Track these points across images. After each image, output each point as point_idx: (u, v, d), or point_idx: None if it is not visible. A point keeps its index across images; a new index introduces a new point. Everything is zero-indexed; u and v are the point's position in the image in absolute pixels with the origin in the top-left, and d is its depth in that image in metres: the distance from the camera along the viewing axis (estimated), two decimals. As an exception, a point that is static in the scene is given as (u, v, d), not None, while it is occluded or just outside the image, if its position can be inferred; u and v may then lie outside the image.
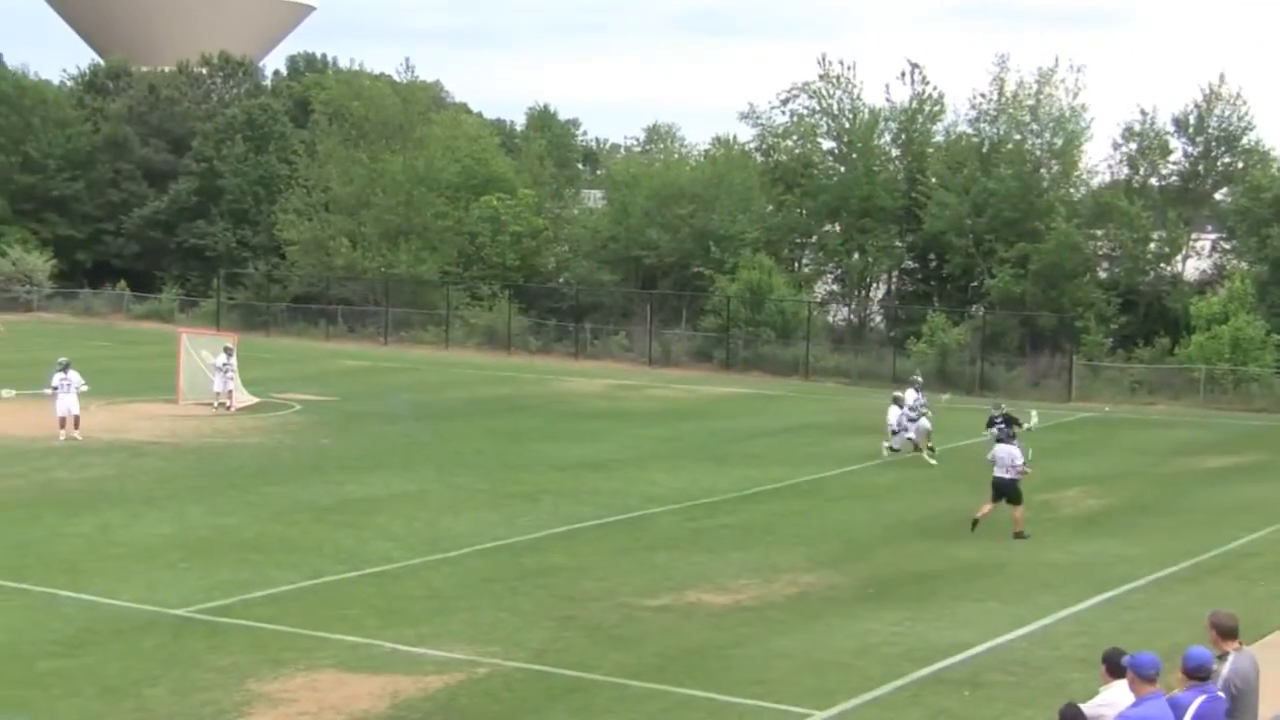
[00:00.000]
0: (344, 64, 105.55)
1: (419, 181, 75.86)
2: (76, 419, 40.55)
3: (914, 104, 71.17)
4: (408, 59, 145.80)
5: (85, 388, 41.57)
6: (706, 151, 78.84)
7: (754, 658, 21.31)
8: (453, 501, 33.00)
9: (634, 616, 23.50)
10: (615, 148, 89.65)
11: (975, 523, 30.39)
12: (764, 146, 74.99)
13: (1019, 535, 30.05)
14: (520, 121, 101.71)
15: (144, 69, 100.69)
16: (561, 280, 76.18)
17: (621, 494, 34.06)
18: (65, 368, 41.17)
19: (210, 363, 48.34)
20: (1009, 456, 30.50)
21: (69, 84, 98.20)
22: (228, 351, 47.90)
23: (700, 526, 31.08)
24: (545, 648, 21.54)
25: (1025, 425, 37.55)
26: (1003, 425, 34.85)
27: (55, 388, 40.85)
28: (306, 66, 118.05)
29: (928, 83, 71.19)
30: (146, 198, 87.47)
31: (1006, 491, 30.36)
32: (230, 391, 47.49)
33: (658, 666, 20.72)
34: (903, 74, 71.38)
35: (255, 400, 48.36)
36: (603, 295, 72.93)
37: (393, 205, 75.99)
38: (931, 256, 69.99)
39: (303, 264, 78.11)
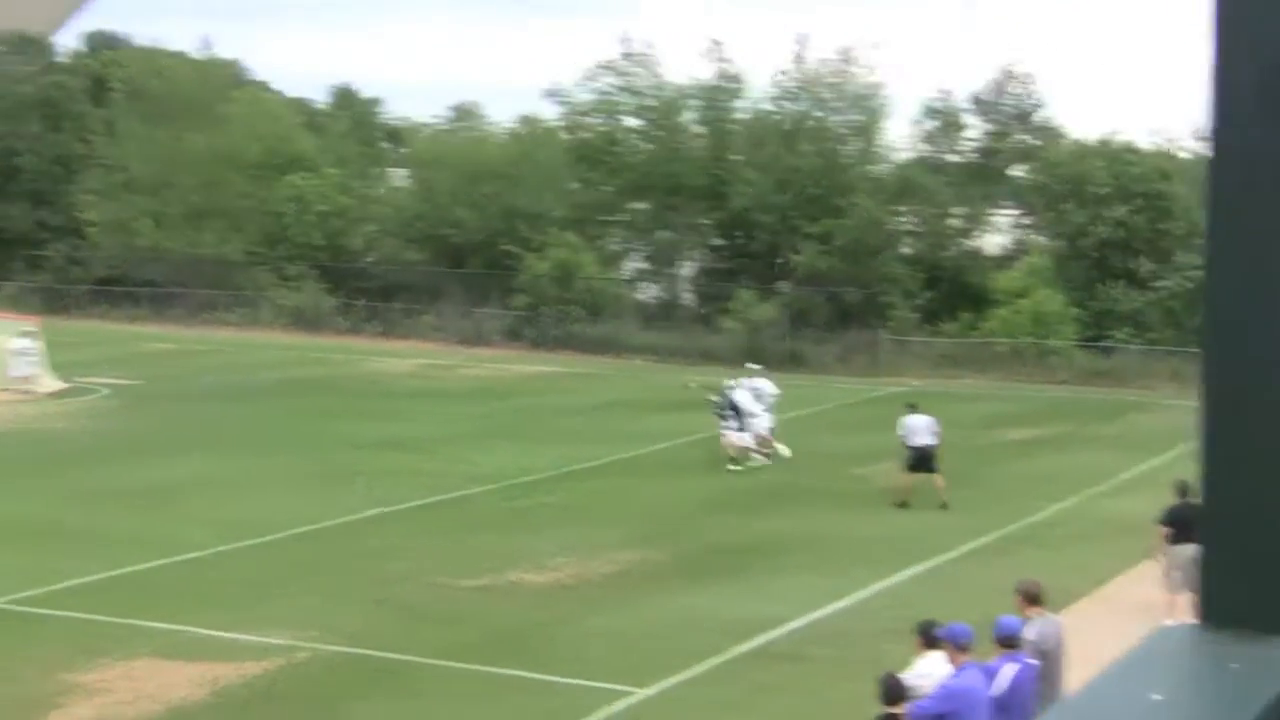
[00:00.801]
0: (142, 41, 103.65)
1: (221, 161, 74.77)
2: None
3: (717, 82, 71.64)
4: (206, 36, 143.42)
5: None
6: (512, 129, 78.69)
7: (574, 636, 21.45)
8: (264, 484, 32.68)
9: (453, 597, 23.52)
10: (420, 126, 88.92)
11: (904, 503, 30.92)
12: (569, 124, 75.00)
13: (944, 506, 30.59)
14: (323, 100, 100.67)
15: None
16: (369, 260, 75.59)
17: (438, 474, 33.96)
18: None
19: (7, 348, 47.26)
20: (926, 426, 31.18)
21: None
22: (28, 335, 46.89)
23: (518, 506, 31.12)
24: (363, 630, 21.48)
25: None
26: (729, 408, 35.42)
27: None
28: (104, 44, 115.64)
29: (729, 60, 71.73)
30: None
31: (927, 462, 30.96)
32: (34, 376, 46.46)
33: (478, 646, 20.76)
34: (705, 52, 71.86)
35: (63, 385, 47.38)
36: (411, 275, 72.47)
37: (195, 185, 74.80)
38: (738, 233, 70.51)
39: (105, 245, 76.59)
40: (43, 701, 18.26)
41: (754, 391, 36.60)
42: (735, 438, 35.38)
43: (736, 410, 35.54)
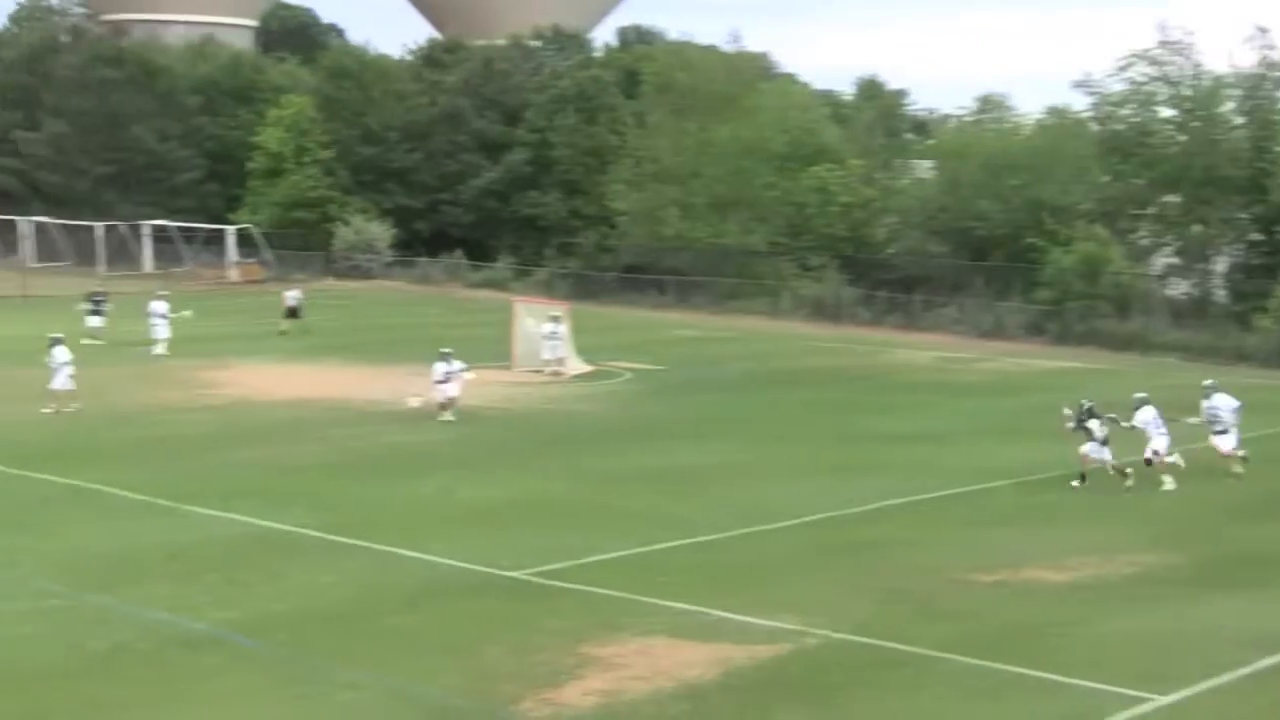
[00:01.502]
0: (672, 36, 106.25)
1: (747, 152, 75.89)
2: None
3: (1260, 70, 68.57)
4: (735, 30, 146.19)
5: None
6: (1039, 121, 77.18)
7: (1091, 638, 20.80)
8: (782, 471, 32.95)
9: (966, 591, 23.16)
10: (946, 117, 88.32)
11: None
12: (1099, 115, 73.06)
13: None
14: (849, 91, 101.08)
15: (479, 43, 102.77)
16: (891, 251, 75.45)
17: (955, 467, 33.48)
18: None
19: (537, 331, 49.14)
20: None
21: (408, 58, 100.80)
22: (555, 320, 48.63)
23: (1037, 502, 30.43)
24: (874, 620, 21.35)
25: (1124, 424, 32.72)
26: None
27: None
28: (636, 38, 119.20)
29: (1273, 47, 68.52)
30: (482, 168, 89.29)
31: None
32: (562, 359, 48.20)
33: (988, 642, 20.35)
34: (1248, 39, 68.84)
35: (588, 368, 48.98)
36: (933, 267, 71.95)
37: (721, 175, 76.17)
38: (1279, 228, 67.39)
39: (633, 234, 78.82)
40: (564, 672, 18.81)
41: (1211, 411, 33.10)
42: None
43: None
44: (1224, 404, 33.03)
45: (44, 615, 21.00)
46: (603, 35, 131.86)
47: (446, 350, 39.34)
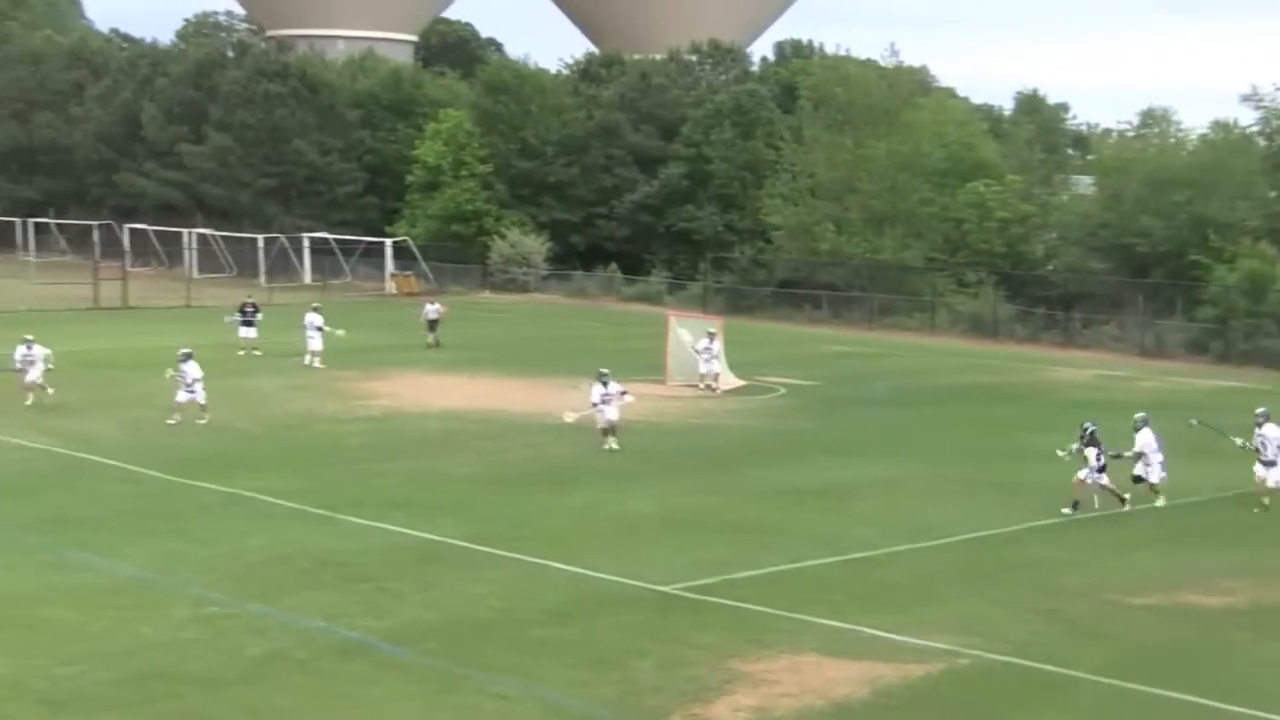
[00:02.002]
0: (830, 49, 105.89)
1: (904, 167, 75.47)
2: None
3: None
4: (893, 43, 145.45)
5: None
6: (1204, 135, 75.90)
7: (1246, 664, 20.45)
8: (934, 489, 32.68)
9: (1119, 614, 22.82)
10: (1107, 132, 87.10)
11: None
12: (1267, 130, 71.75)
13: None
14: (1008, 106, 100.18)
15: (636, 57, 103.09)
16: (1050, 268, 74.60)
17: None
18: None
19: (691, 345, 49.15)
20: None
21: (565, 73, 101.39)
22: (710, 336, 48.63)
23: (1189, 525, 29.91)
24: (1027, 641, 21.12)
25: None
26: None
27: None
28: (793, 52, 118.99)
29: None
30: (637, 182, 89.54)
31: None
32: (716, 374, 48.19)
33: (1142, 667, 20.05)
34: None
35: (741, 383, 48.91)
36: (1093, 284, 71.01)
37: (877, 191, 75.79)
38: None
39: (788, 249, 78.66)
40: (713, 688, 18.78)
41: (1260, 440, 31.07)
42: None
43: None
44: (1274, 435, 31.07)
45: (203, 622, 21.35)
46: (760, 49, 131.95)
47: (604, 371, 37.29)
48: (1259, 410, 32.15)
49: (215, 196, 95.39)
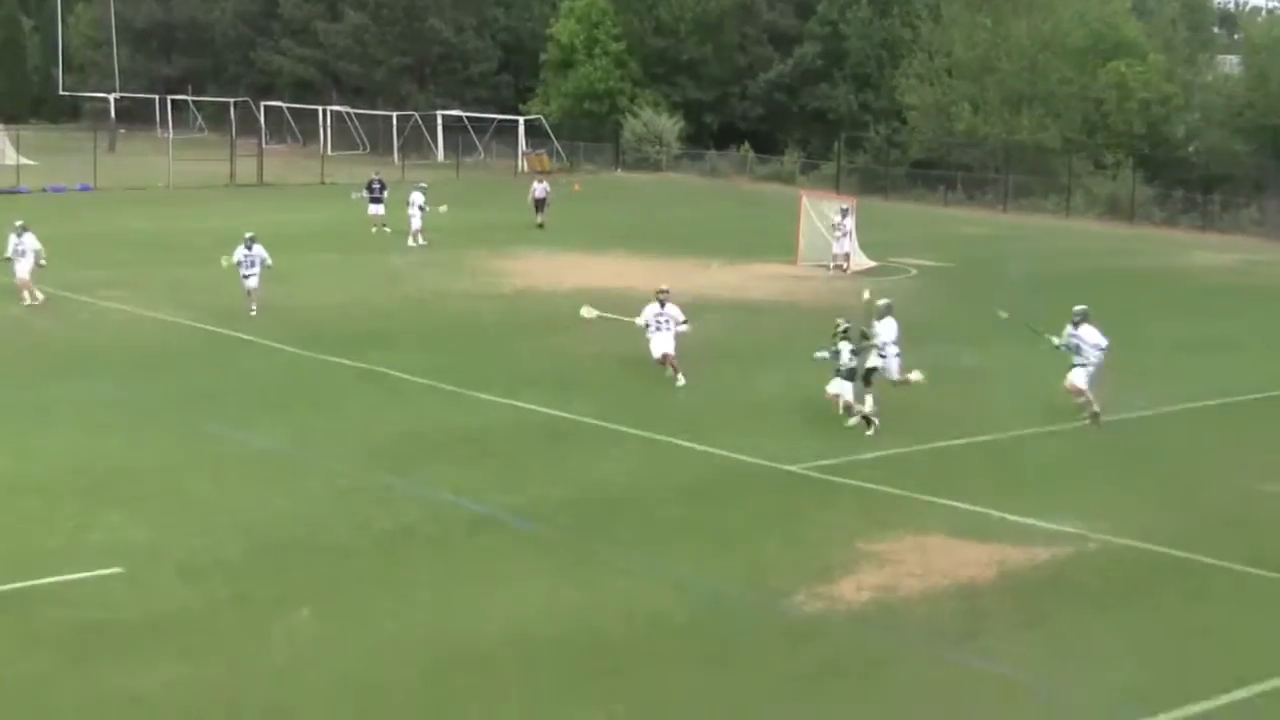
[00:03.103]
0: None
1: (1044, 46, 74.26)
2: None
3: None
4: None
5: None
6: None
7: (1389, 556, 20.09)
8: (1066, 374, 32.24)
9: (1254, 502, 22.53)
10: (1255, 10, 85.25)
11: None
12: None
13: None
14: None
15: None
16: (1191, 150, 73.25)
17: (1247, 374, 32.55)
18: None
19: (823, 225, 48.83)
20: None
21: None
22: (843, 211, 48.31)
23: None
24: (1157, 527, 20.90)
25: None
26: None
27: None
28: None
29: None
30: (771, 61, 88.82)
31: None
32: (847, 254, 47.91)
33: (1276, 555, 19.77)
34: None
35: (873, 264, 48.61)
36: (1235, 166, 69.65)
37: (1016, 71, 74.70)
38: None
39: (923, 129, 77.85)
40: (836, 567, 18.79)
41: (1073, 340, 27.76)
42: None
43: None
44: (1090, 337, 27.89)
45: (335, 495, 21.65)
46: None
47: (664, 290, 30.84)
48: (1077, 308, 28.49)
49: (350, 74, 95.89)
